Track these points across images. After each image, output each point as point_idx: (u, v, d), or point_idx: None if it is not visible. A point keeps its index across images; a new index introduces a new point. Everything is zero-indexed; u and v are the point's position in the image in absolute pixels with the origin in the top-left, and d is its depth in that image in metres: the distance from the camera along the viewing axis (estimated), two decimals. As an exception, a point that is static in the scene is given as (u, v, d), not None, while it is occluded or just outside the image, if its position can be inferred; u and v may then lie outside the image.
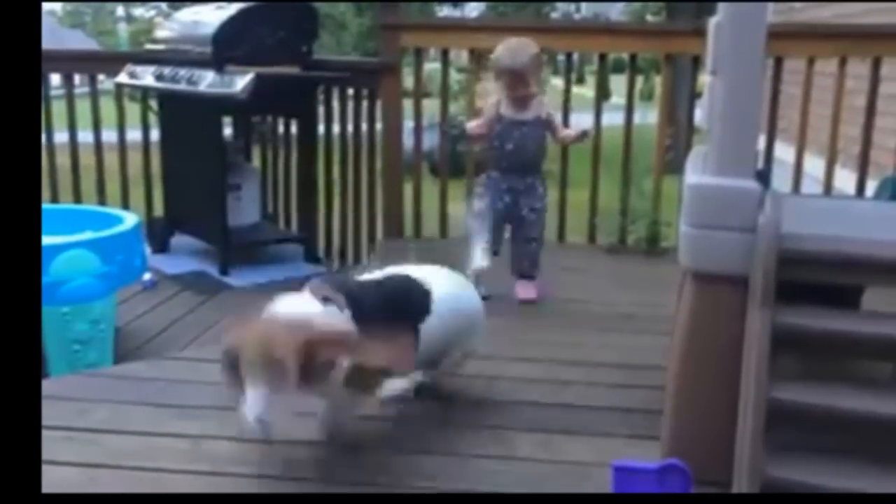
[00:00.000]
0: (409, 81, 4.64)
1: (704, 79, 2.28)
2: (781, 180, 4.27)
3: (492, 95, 3.47)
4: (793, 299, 1.98)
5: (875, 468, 1.90)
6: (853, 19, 6.89)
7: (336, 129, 4.84)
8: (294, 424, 2.23)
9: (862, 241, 2.03)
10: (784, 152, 4.52)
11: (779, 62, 4.18)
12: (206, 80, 4.34)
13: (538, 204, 3.43)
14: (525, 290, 3.43)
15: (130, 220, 3.58)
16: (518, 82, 3.34)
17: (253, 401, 1.88)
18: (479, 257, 2.57)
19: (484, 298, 2.59)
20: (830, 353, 2.21)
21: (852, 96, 4.25)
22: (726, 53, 2.00)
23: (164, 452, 2.22)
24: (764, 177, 2.40)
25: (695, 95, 4.44)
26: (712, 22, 2.09)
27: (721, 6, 2.03)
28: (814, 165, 4.33)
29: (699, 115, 2.48)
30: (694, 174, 2.13)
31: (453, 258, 2.67)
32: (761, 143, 4.40)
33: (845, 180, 4.33)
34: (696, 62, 4.24)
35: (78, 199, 4.92)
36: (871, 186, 3.92)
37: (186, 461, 2.18)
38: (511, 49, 3.35)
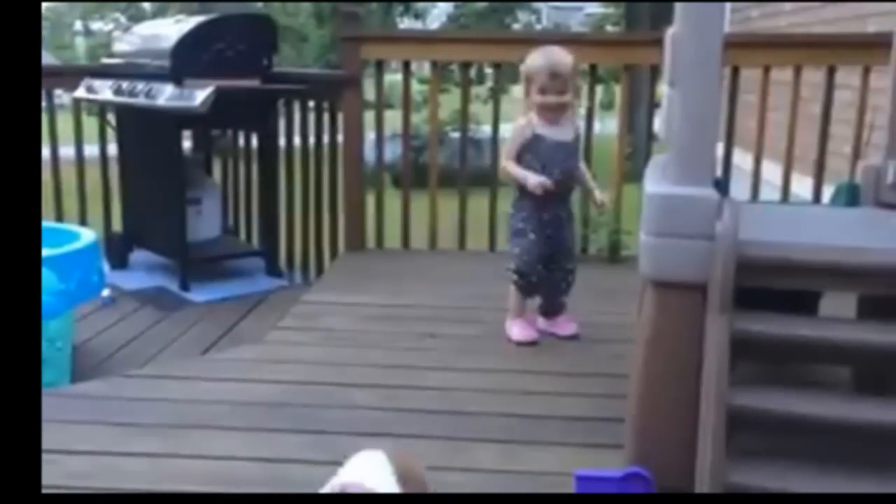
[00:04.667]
0: (371, 93, 4.63)
1: (663, 89, 2.29)
2: (741, 187, 4.33)
3: (519, 117, 3.08)
4: (752, 306, 2.00)
5: (834, 471, 1.92)
6: (807, 29, 7.01)
7: (297, 141, 4.81)
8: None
9: (818, 246, 2.05)
10: (743, 160, 4.58)
11: (735, 71, 4.23)
12: (165, 94, 4.29)
13: (572, 227, 3.16)
14: (565, 326, 3.17)
15: (87, 236, 3.52)
16: (554, 83, 2.93)
17: None
18: None
19: None
20: (789, 358, 2.23)
21: (808, 104, 4.32)
22: (683, 64, 2.02)
23: (122, 472, 2.19)
24: (722, 185, 2.42)
25: (654, 105, 4.48)
26: (669, 33, 2.10)
27: (678, 17, 2.04)
28: (772, 172, 4.38)
29: (658, 124, 2.50)
30: (653, 183, 2.14)
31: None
32: (720, 150, 4.45)
33: (804, 186, 4.39)
34: (655, 72, 4.28)
35: (34, 215, 4.84)
36: (827, 192, 3.97)
37: (145, 481, 2.14)
38: (546, 51, 2.99)
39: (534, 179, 2.96)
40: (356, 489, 1.68)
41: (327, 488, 1.70)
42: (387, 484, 1.75)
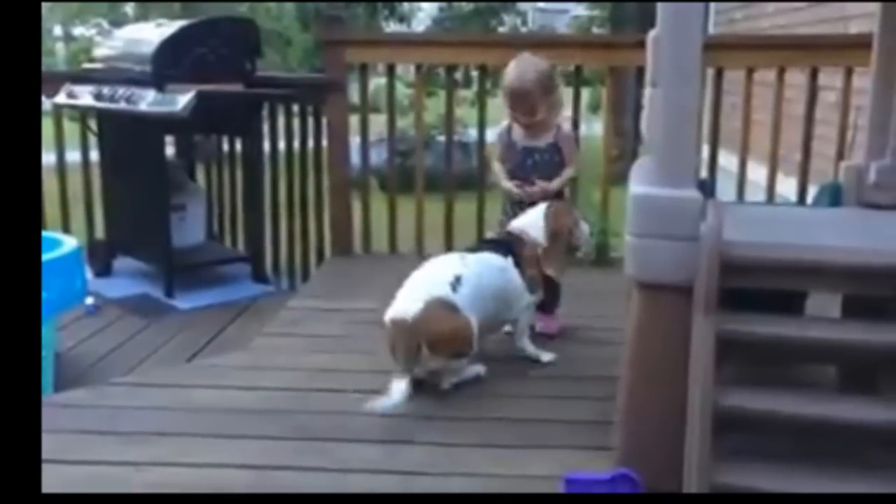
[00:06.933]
0: (356, 97, 4.61)
1: (646, 90, 2.29)
2: (727, 188, 4.34)
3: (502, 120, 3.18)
4: (739, 307, 2.00)
5: (822, 471, 1.92)
6: (790, 30, 7.05)
7: (282, 145, 4.79)
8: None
9: (802, 247, 2.05)
10: (728, 161, 4.59)
11: (720, 73, 4.24)
12: (147, 99, 4.26)
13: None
14: (547, 324, 3.21)
15: (69, 243, 3.49)
16: (519, 104, 3.00)
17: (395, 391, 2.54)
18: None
19: None
20: (775, 358, 2.23)
21: (791, 105, 4.33)
22: (664, 65, 2.02)
23: (108, 481, 2.17)
24: (707, 186, 2.42)
25: (640, 106, 4.48)
26: (651, 35, 2.11)
27: (659, 18, 2.04)
28: (758, 173, 4.40)
29: (643, 125, 2.50)
30: (637, 184, 2.14)
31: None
32: (705, 152, 4.46)
33: (789, 187, 4.41)
34: (641, 74, 4.28)
35: (16, 222, 4.79)
36: (812, 192, 3.99)
37: (131, 490, 2.12)
38: (515, 66, 3.01)
39: (506, 184, 3.15)
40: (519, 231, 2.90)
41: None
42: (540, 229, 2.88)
